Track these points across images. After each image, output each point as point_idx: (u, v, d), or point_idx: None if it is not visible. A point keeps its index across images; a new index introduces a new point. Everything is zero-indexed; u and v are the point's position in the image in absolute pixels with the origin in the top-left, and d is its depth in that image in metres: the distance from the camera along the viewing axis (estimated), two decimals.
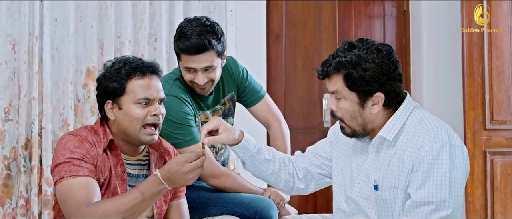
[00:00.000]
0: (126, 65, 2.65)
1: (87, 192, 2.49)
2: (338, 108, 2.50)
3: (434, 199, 2.33)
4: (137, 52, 4.42)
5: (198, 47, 2.97)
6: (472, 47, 4.58)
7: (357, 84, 2.42)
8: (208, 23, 3.04)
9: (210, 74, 3.06)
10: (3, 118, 4.21)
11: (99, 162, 2.61)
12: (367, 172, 2.52)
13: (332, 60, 2.47)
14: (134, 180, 2.72)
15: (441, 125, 2.43)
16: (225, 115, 3.32)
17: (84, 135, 2.62)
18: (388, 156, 2.47)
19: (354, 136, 2.54)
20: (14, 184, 4.22)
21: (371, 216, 2.49)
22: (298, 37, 5.00)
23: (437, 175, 2.34)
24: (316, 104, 4.95)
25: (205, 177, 3.18)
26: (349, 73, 2.42)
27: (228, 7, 4.62)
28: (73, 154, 2.55)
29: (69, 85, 4.31)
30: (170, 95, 3.07)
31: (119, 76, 2.63)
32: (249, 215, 3.10)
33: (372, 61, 2.42)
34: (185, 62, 3.03)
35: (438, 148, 2.36)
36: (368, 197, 2.50)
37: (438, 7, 4.94)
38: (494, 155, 4.61)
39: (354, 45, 2.46)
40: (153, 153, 2.78)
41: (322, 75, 2.52)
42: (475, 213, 4.55)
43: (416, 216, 2.35)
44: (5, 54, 4.22)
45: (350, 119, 2.49)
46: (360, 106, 2.46)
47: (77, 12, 4.39)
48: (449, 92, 4.90)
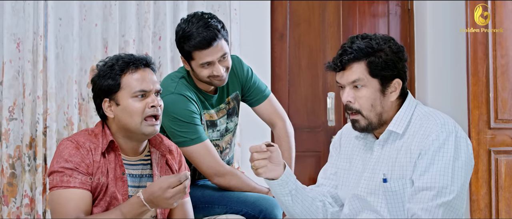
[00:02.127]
0: (119, 61, 2.65)
1: (75, 205, 2.53)
2: (355, 99, 2.49)
3: (436, 185, 2.35)
4: (141, 51, 4.42)
5: (210, 39, 2.99)
6: (476, 45, 4.58)
7: (379, 70, 2.45)
8: (206, 15, 3.06)
9: (225, 62, 3.08)
10: (8, 117, 4.21)
11: (95, 168, 2.61)
12: (373, 168, 2.53)
13: (351, 49, 2.47)
14: (138, 180, 2.71)
15: (448, 118, 2.47)
16: (230, 114, 3.32)
17: (82, 141, 2.62)
18: (395, 149, 2.49)
19: (366, 130, 2.53)
20: (18, 183, 4.23)
21: (381, 210, 2.49)
22: (303, 36, 5.00)
23: (441, 162, 2.37)
24: (321, 102, 4.95)
25: (210, 176, 3.18)
26: (371, 59, 2.44)
27: (232, 6, 4.62)
28: (67, 163, 2.56)
29: (74, 84, 4.31)
30: (175, 93, 3.07)
31: (113, 73, 2.63)
32: (253, 214, 3.11)
33: (389, 47, 2.46)
34: (200, 58, 3.04)
35: (444, 137, 2.39)
36: (376, 191, 2.50)
37: (443, 5, 4.93)
38: (499, 154, 4.60)
39: (366, 36, 2.50)
40: (154, 152, 2.78)
41: (340, 66, 2.49)
42: (479, 211, 4.54)
43: (418, 201, 2.37)
44: (9, 53, 4.23)
45: (369, 108, 2.48)
46: (381, 94, 2.48)
47: (82, 11, 4.40)
48: (453, 91, 4.89)
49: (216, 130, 3.25)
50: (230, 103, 3.31)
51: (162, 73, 4.44)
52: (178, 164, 2.86)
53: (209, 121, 3.22)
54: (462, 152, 2.41)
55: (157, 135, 2.78)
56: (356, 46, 2.46)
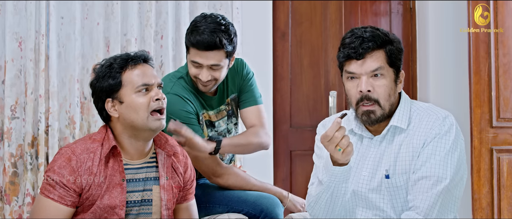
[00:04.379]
0: (117, 60, 2.66)
1: (45, 215, 2.57)
2: (374, 88, 2.44)
3: (434, 173, 2.38)
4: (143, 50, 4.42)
5: (209, 44, 2.97)
6: (478, 44, 4.57)
7: (395, 59, 2.45)
8: (223, 22, 3.02)
9: (215, 72, 3.04)
10: (10, 116, 4.22)
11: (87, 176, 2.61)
12: (373, 164, 2.52)
13: (370, 37, 2.43)
14: (142, 184, 2.70)
15: (447, 112, 2.49)
16: (229, 116, 3.31)
17: (78, 152, 2.62)
18: (396, 144, 2.49)
19: (379, 121, 2.49)
20: (20, 182, 4.23)
21: (383, 206, 2.49)
22: (304, 34, 4.99)
23: (441, 153, 2.40)
24: (322, 101, 4.95)
25: (208, 176, 3.18)
26: (389, 48, 2.44)
27: (234, 5, 4.62)
28: (53, 174, 2.59)
29: (76, 82, 4.31)
30: (171, 93, 3.06)
31: (112, 72, 2.63)
32: (254, 213, 3.11)
33: (396, 38, 2.48)
34: (192, 55, 3.03)
35: (446, 129, 2.42)
36: (378, 187, 2.49)
37: (445, 4, 4.93)
38: (501, 153, 4.60)
39: (369, 27, 2.50)
40: (160, 153, 2.75)
41: (362, 53, 2.42)
42: (481, 210, 4.54)
43: (417, 190, 2.39)
44: (11, 52, 4.23)
45: (387, 98, 2.46)
46: (394, 84, 2.48)
47: (83, 10, 4.40)
48: (455, 90, 4.89)
49: (214, 130, 3.24)
50: (229, 104, 3.30)
51: (164, 72, 4.44)
52: (184, 167, 2.83)
53: (208, 121, 3.21)
54: (459, 145, 2.44)
55: (162, 135, 2.77)
56: (374, 34, 2.43)
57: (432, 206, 2.36)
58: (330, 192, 2.47)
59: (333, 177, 2.42)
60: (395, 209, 2.47)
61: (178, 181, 2.78)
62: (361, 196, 2.53)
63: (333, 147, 2.31)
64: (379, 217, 2.50)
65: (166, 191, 2.72)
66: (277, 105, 4.90)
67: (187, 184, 2.84)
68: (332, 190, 2.46)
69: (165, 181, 2.72)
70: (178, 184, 2.78)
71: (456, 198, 2.43)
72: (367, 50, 2.42)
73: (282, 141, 4.90)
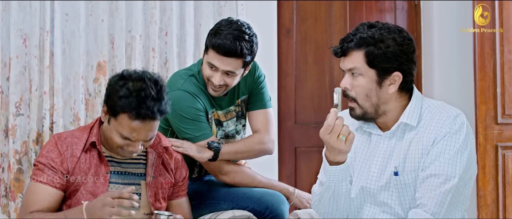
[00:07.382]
0: (132, 95, 2.53)
1: (35, 199, 2.59)
2: (352, 86, 2.48)
3: (442, 172, 2.37)
4: (148, 47, 4.42)
5: (229, 50, 2.95)
6: (483, 41, 4.57)
7: (377, 61, 2.43)
8: (248, 31, 3.03)
9: (228, 79, 3.04)
10: (15, 113, 4.22)
11: (74, 163, 2.64)
12: (382, 161, 2.51)
13: (353, 36, 2.46)
14: (130, 177, 2.72)
15: (459, 110, 2.50)
16: (239, 117, 3.30)
17: (64, 136, 2.67)
18: (406, 141, 2.48)
19: (363, 119, 2.52)
20: (25, 178, 4.23)
21: (392, 203, 2.48)
22: (309, 31, 4.99)
23: (451, 152, 2.39)
24: (327, 98, 4.94)
25: (215, 173, 3.19)
26: (370, 49, 2.43)
27: (239, 2, 4.61)
28: (42, 158, 2.64)
29: (80, 79, 4.31)
30: (181, 90, 3.06)
31: (119, 103, 2.56)
32: (259, 210, 3.10)
33: (393, 39, 2.44)
34: (210, 57, 3.02)
35: (457, 128, 2.42)
36: (387, 184, 2.49)
37: (449, 1, 4.92)
38: (506, 149, 4.59)
39: (374, 25, 2.48)
40: (151, 152, 2.77)
41: (340, 52, 2.48)
42: (486, 207, 4.53)
43: (425, 188, 2.39)
44: (16, 48, 4.23)
45: (364, 98, 2.47)
46: (377, 85, 2.46)
47: (88, 7, 4.40)
48: (460, 86, 4.88)
49: (222, 130, 3.23)
50: (240, 105, 3.29)
51: (168, 68, 4.44)
52: (175, 164, 2.85)
53: (217, 120, 3.21)
54: (470, 144, 2.44)
55: (156, 136, 2.77)
56: (359, 35, 2.45)
57: (440, 205, 2.36)
58: (331, 192, 2.51)
59: (331, 177, 2.47)
60: (402, 206, 2.47)
61: (169, 178, 2.81)
62: (369, 193, 2.53)
63: (336, 137, 2.36)
64: (387, 213, 2.50)
65: (150, 189, 2.74)
66: (282, 102, 4.90)
67: (178, 182, 2.87)
68: (332, 190, 2.50)
69: (150, 180, 2.74)
70: (169, 180, 2.81)
71: (464, 197, 2.42)
72: (346, 49, 2.47)
73: (287, 137, 4.89)
